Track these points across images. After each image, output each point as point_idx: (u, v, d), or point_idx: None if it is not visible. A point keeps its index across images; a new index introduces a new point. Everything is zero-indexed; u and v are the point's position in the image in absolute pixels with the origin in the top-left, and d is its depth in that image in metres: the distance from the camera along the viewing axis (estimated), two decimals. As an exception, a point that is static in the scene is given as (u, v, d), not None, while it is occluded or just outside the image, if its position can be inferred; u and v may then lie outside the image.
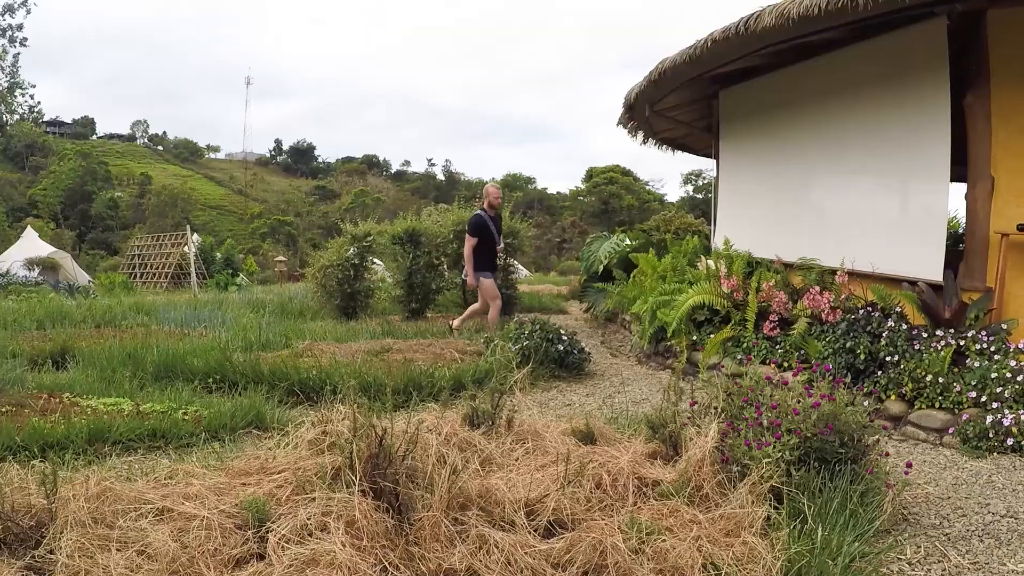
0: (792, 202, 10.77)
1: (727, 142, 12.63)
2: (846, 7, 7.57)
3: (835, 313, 8.00)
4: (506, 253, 14.36)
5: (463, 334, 11.14)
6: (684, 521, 3.94)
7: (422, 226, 14.04)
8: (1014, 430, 5.89)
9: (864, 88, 9.32)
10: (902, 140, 8.74)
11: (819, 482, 4.31)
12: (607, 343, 11.71)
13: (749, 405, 4.75)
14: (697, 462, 4.42)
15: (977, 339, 6.98)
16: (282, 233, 75.22)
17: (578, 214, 63.12)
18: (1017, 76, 8.05)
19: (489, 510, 3.85)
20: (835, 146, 9.95)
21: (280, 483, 4.16)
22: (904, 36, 8.51)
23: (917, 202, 8.68)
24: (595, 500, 4.20)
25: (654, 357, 10.07)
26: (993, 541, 4.32)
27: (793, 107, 10.75)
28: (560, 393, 8.20)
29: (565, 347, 9.06)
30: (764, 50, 9.48)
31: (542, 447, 5.01)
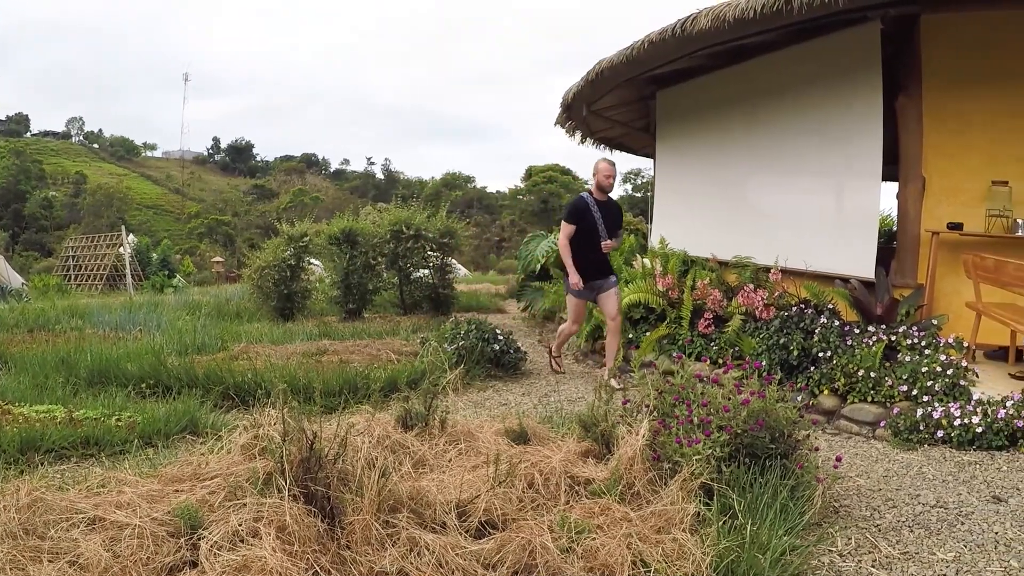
0: (727, 201, 10.84)
1: (664, 142, 12.69)
2: (781, 11, 7.64)
3: (769, 310, 8.06)
4: (613, 241, 13.93)
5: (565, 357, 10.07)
6: (615, 519, 3.91)
7: (359, 226, 13.86)
8: (944, 422, 5.97)
9: (799, 90, 9.42)
10: (836, 141, 8.84)
11: (750, 477, 4.29)
12: (544, 342, 11.61)
13: (680, 403, 4.73)
14: (628, 460, 4.40)
15: (908, 334, 7.08)
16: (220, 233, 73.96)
17: (517, 213, 62.99)
18: (949, 79, 8.22)
19: (421, 512, 3.81)
20: (770, 146, 10.03)
21: (213, 489, 4.06)
22: (838, 39, 8.61)
23: (850, 201, 8.77)
24: (527, 500, 4.16)
25: (591, 355, 10.05)
26: (923, 531, 4.35)
27: (729, 108, 10.82)
28: (496, 393, 8.14)
29: (501, 347, 9.00)
30: (701, 52, 9.52)
31: (475, 448, 4.96)
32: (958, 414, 5.96)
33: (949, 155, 8.31)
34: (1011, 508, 4.69)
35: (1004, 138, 8.15)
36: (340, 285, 13.49)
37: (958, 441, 5.87)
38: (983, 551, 4.08)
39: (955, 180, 8.32)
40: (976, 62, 8.15)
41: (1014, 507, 4.70)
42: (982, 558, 4.00)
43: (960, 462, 5.58)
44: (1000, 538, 4.24)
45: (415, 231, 13.36)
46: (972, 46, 8.17)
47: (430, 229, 13.60)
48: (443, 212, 14.34)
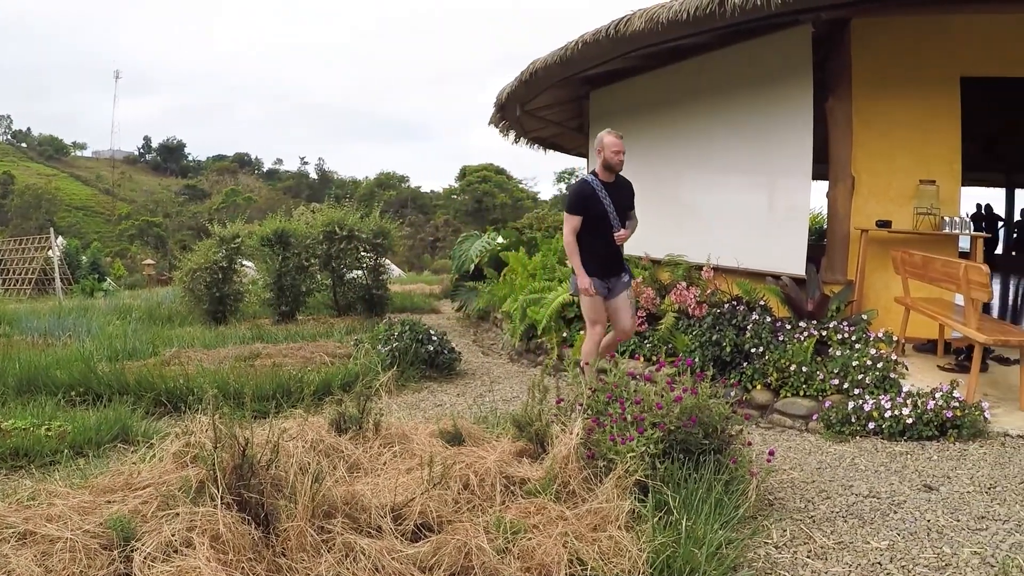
0: (661, 200, 10.87)
1: (597, 142, 12.70)
2: (714, 13, 7.69)
3: (701, 308, 8.08)
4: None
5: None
6: (551, 518, 3.87)
7: (291, 227, 13.61)
8: (874, 414, 6.03)
9: (731, 91, 9.48)
10: (768, 141, 8.91)
11: (684, 473, 4.28)
12: (479, 342, 11.57)
13: (614, 401, 4.71)
14: (563, 459, 4.35)
15: (839, 329, 7.17)
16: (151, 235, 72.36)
17: (451, 213, 62.72)
18: (878, 82, 8.38)
19: (355, 516, 3.75)
20: (703, 146, 10.09)
21: (146, 499, 3.93)
22: (771, 42, 8.70)
23: (781, 200, 8.85)
24: (463, 501, 4.11)
25: (526, 355, 9.99)
26: (857, 521, 4.36)
27: (663, 108, 10.87)
28: (431, 394, 8.03)
29: (435, 347, 8.90)
30: (635, 52, 9.54)
31: (410, 450, 4.87)
32: (888, 406, 6.02)
33: (878, 155, 8.48)
34: (942, 496, 4.73)
35: (931, 138, 8.34)
36: (273, 287, 13.23)
37: (889, 432, 5.93)
38: (916, 539, 4.11)
39: (884, 179, 8.47)
40: (904, 65, 8.35)
41: (945, 495, 4.75)
42: (915, 545, 4.03)
43: (892, 452, 5.63)
44: (932, 525, 4.28)
45: (348, 232, 13.17)
46: (900, 50, 8.37)
47: (363, 230, 13.40)
48: (376, 212, 14.16)
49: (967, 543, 4.04)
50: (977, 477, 5.06)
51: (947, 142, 8.35)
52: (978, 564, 3.80)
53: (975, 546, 4.00)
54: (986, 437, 5.87)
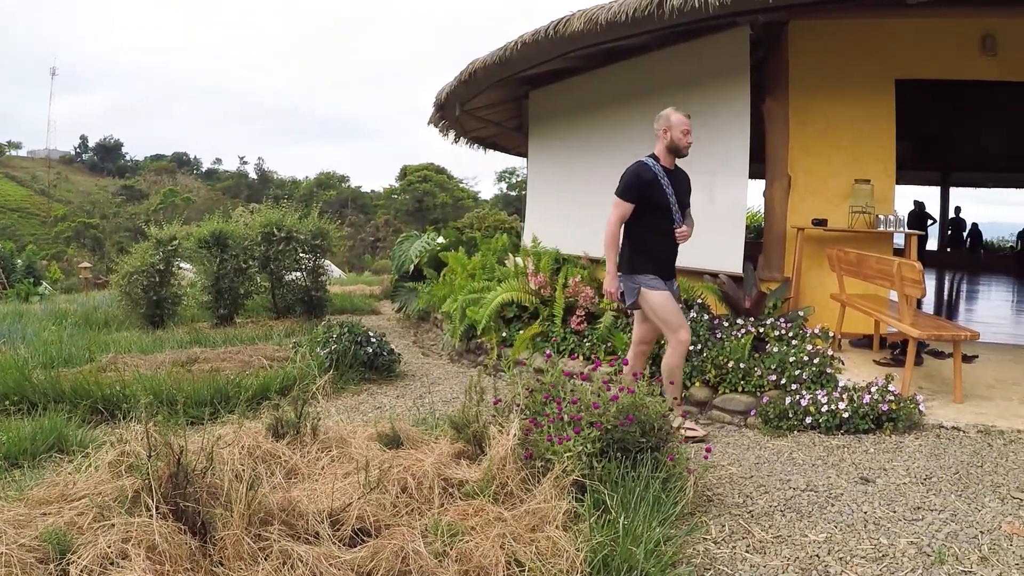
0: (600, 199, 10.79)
1: (537, 141, 12.70)
2: (652, 15, 7.72)
3: (640, 306, 8.06)
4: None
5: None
6: (489, 520, 3.82)
7: (229, 228, 13.32)
8: (811, 409, 6.06)
9: (670, 91, 9.49)
10: (705, 141, 8.91)
11: (622, 472, 4.24)
12: (419, 342, 11.46)
13: (551, 401, 4.66)
14: (501, 460, 4.30)
15: (776, 326, 7.21)
16: (88, 237, 70.55)
17: (392, 212, 62.18)
18: (815, 83, 8.52)
19: (293, 523, 3.68)
20: (641, 146, 10.03)
21: (81, 510, 3.78)
22: (709, 43, 8.77)
23: (718, 199, 8.88)
24: (401, 505, 4.04)
25: (466, 355, 9.91)
26: (795, 515, 4.36)
27: (602, 108, 10.88)
28: (371, 396, 7.91)
29: (375, 349, 8.77)
30: (574, 53, 9.54)
31: (348, 454, 4.78)
32: (825, 401, 6.06)
33: (814, 154, 8.59)
34: (879, 488, 4.75)
35: (866, 138, 8.48)
36: (211, 290, 12.95)
37: (826, 426, 5.96)
38: (853, 530, 4.12)
39: (820, 178, 8.59)
40: (840, 67, 8.49)
41: (881, 487, 4.77)
42: (852, 537, 4.03)
43: (829, 446, 5.65)
44: (869, 517, 4.29)
45: (287, 233, 12.95)
46: (837, 52, 8.51)
47: (302, 231, 13.19)
48: (315, 213, 13.95)
49: (904, 533, 4.06)
50: (913, 469, 5.09)
51: (882, 142, 8.50)
52: (915, 554, 3.82)
53: (911, 536, 4.02)
54: (921, 429, 5.93)
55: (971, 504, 4.48)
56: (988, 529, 4.12)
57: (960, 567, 3.69)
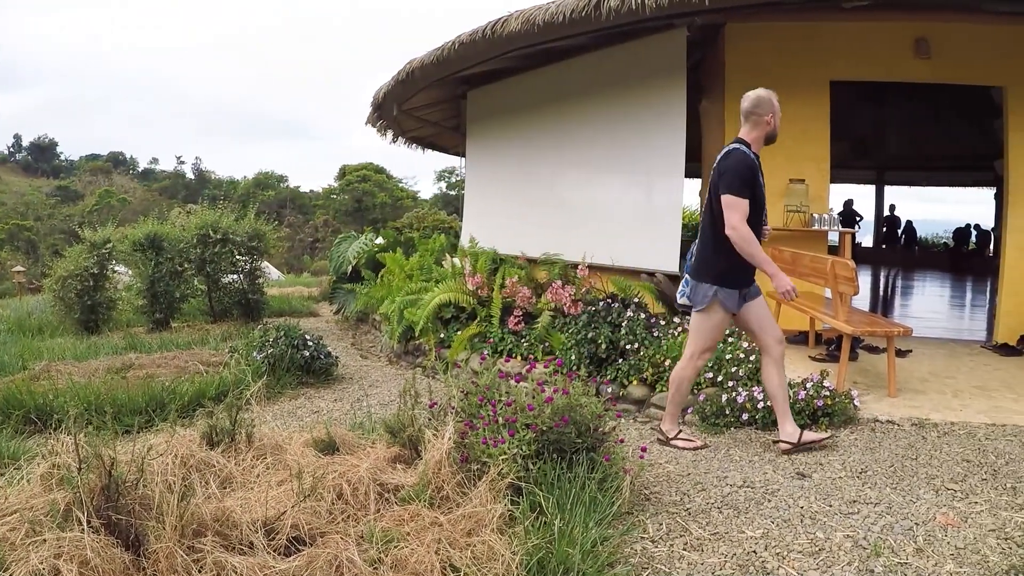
0: (538, 200, 10.85)
1: (474, 141, 12.64)
2: (589, 16, 7.72)
3: (577, 306, 8.04)
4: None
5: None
6: (425, 525, 3.79)
7: (164, 230, 13.03)
8: (748, 405, 6.06)
9: (608, 91, 9.53)
10: (643, 141, 8.97)
11: (557, 473, 4.20)
12: (357, 344, 11.33)
13: (486, 403, 4.60)
14: (436, 464, 4.25)
15: (712, 324, 7.17)
16: (21, 239, 68.41)
17: (331, 213, 61.24)
18: (751, 84, 8.34)
19: (227, 533, 3.60)
20: (579, 146, 10.10)
21: (13, 525, 3.65)
22: (646, 44, 8.80)
23: (656, 198, 8.91)
24: (337, 512, 3.98)
25: (404, 357, 9.81)
26: (732, 511, 4.33)
27: (540, 108, 10.86)
28: (308, 400, 7.78)
29: (311, 352, 8.64)
30: (512, 53, 9.51)
31: (283, 461, 4.71)
32: (761, 397, 6.06)
33: None
34: (815, 483, 4.74)
35: (801, 139, 8.56)
36: (146, 294, 12.66)
37: (763, 422, 5.97)
38: (790, 526, 4.10)
39: None
40: (776, 68, 8.56)
41: (817, 481, 4.76)
42: (789, 532, 4.01)
43: (765, 442, 5.64)
44: (805, 512, 4.28)
45: (223, 235, 12.71)
46: (773, 54, 8.61)
47: (238, 232, 12.95)
48: (251, 214, 13.73)
49: (840, 527, 4.05)
50: (848, 463, 5.10)
51: (817, 142, 8.61)
52: (851, 547, 3.81)
53: (847, 530, 4.02)
54: (857, 423, 5.96)
55: (906, 496, 4.50)
56: (923, 521, 4.14)
57: (896, 559, 3.68)
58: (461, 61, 10.01)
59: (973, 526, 4.09)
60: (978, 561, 3.69)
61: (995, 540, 3.91)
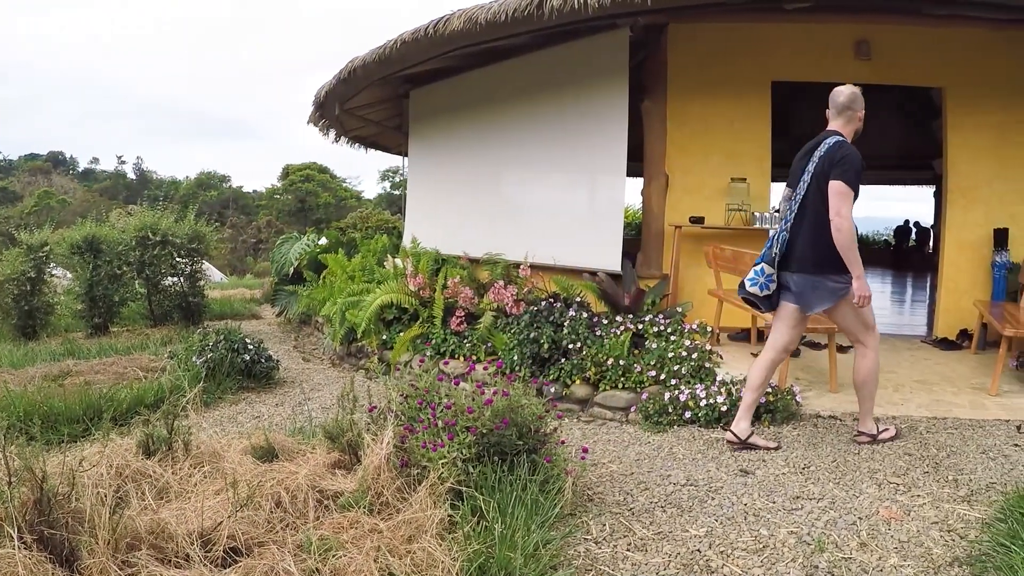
0: (480, 199, 10.79)
1: (417, 141, 12.55)
2: (532, 16, 7.68)
3: (519, 305, 7.98)
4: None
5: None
6: (364, 532, 3.70)
7: (103, 233, 12.68)
8: (690, 403, 6.05)
9: (550, 91, 9.49)
10: (585, 140, 8.96)
11: (498, 476, 4.13)
12: (300, 347, 11.15)
13: (425, 406, 4.50)
14: (375, 469, 4.15)
15: (655, 322, 7.21)
16: (-43, 243, 66.75)
17: (274, 213, 60.22)
18: (692, 84, 8.69)
19: (162, 546, 3.50)
20: (521, 145, 10.05)
21: None
22: (589, 44, 8.78)
23: (598, 198, 8.90)
24: (276, 520, 3.86)
25: (347, 359, 9.67)
26: (675, 510, 4.29)
27: (483, 107, 10.79)
28: (249, 405, 7.60)
29: (252, 356, 8.44)
30: (454, 52, 9.42)
31: (221, 469, 4.55)
32: (704, 395, 6.06)
33: (691, 154, 8.74)
34: (758, 480, 4.73)
35: (743, 138, 8.68)
36: (85, 298, 12.31)
37: (705, 420, 5.96)
38: (734, 523, 4.07)
39: (697, 177, 8.73)
40: (719, 69, 8.68)
41: (761, 478, 4.75)
42: (733, 530, 3.98)
43: (708, 440, 5.62)
44: (749, 509, 4.26)
45: (162, 236, 12.40)
46: (715, 54, 8.69)
47: (177, 234, 12.64)
48: (191, 215, 13.44)
49: (783, 524, 4.04)
50: (791, 459, 5.10)
51: (758, 141, 8.71)
52: (795, 543, 3.79)
53: (791, 526, 4.00)
54: (799, 419, 5.99)
55: (849, 491, 4.50)
56: (866, 515, 4.15)
57: (840, 554, 3.67)
58: (403, 60, 9.90)
59: (916, 519, 4.10)
60: (921, 554, 3.69)
61: (938, 532, 3.93)
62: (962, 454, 5.17)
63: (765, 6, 7.89)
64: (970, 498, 4.40)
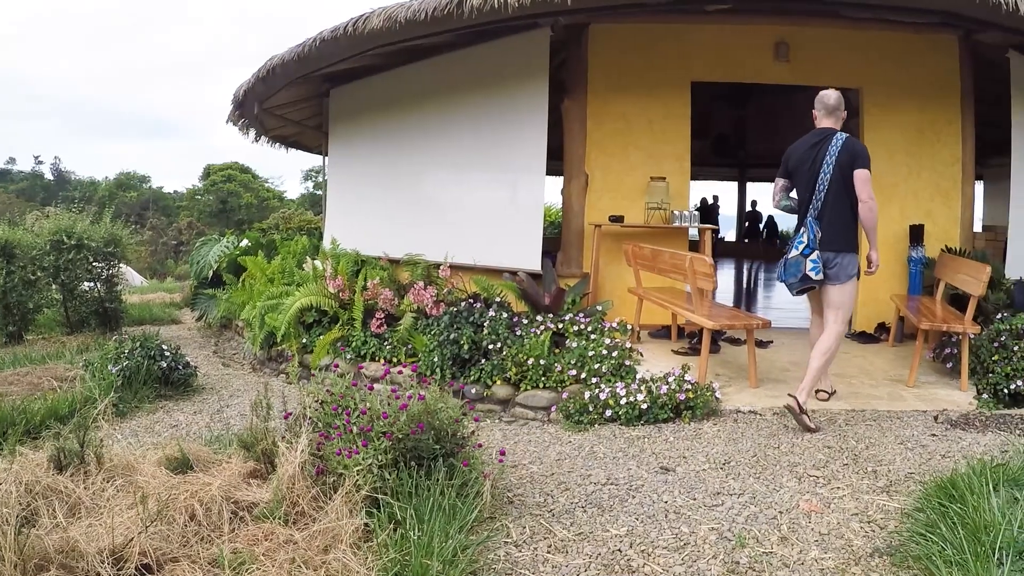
0: (400, 199, 10.65)
1: (337, 140, 12.35)
2: (452, 14, 7.60)
3: (439, 307, 7.89)
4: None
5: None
6: (279, 544, 3.57)
7: (15, 237, 12.20)
8: (611, 402, 6.02)
9: (471, 90, 9.42)
10: (505, 139, 8.91)
11: (415, 482, 4.02)
12: (220, 352, 10.88)
13: (340, 412, 4.38)
14: (290, 478, 4.01)
15: (575, 321, 7.20)
16: None
17: (196, 214, 58.75)
18: (613, 84, 8.72)
19: (72, 565, 3.33)
20: (442, 145, 9.96)
21: None
22: (510, 43, 8.73)
23: (517, 197, 8.85)
24: (191, 534, 3.70)
25: (268, 363, 9.46)
26: (596, 510, 4.23)
27: (403, 106, 10.66)
28: (167, 414, 7.35)
29: (169, 363, 8.18)
30: (374, 51, 9.27)
31: (135, 483, 4.34)
32: (624, 393, 6.04)
33: (611, 153, 8.75)
34: (678, 477, 4.71)
35: (662, 137, 8.73)
36: (-2, 305, 11.90)
37: (626, 418, 5.93)
38: (655, 521, 4.03)
39: (617, 176, 8.75)
40: (639, 69, 8.71)
41: (681, 475, 4.73)
42: (654, 528, 3.94)
43: (629, 438, 5.59)
44: (670, 507, 4.22)
45: (77, 240, 11.99)
46: (636, 55, 8.71)
47: (93, 237, 12.21)
48: (107, 218, 13.01)
49: (704, 520, 4.01)
50: (712, 455, 5.10)
51: (678, 141, 8.77)
52: (716, 540, 3.76)
53: (712, 522, 3.98)
54: (719, 415, 6.01)
55: (769, 485, 4.51)
56: (787, 509, 4.15)
57: (761, 549, 3.66)
58: (323, 58, 9.73)
59: (836, 511, 4.12)
60: (842, 546, 3.70)
61: (858, 524, 3.95)
62: (881, 445, 5.24)
63: (686, 7, 7.98)
64: (889, 489, 4.44)
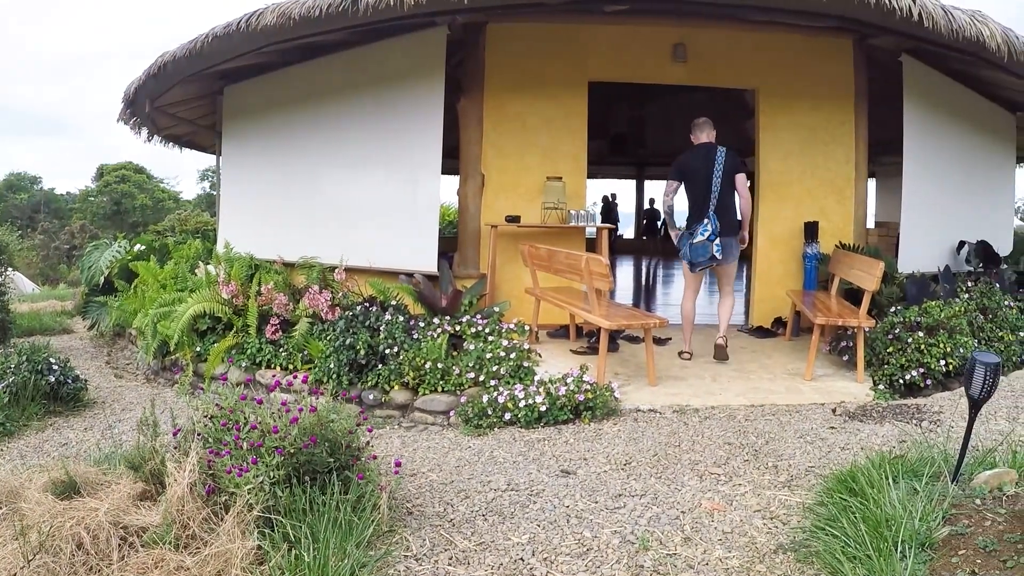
0: (295, 201, 10.40)
1: (231, 140, 11.99)
2: (347, 11, 7.44)
3: (335, 311, 7.73)
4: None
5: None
6: (170, 570, 3.38)
7: None
8: (509, 404, 5.95)
9: (366, 88, 9.27)
10: (400, 139, 8.79)
11: (309, 498, 3.85)
12: (113, 363, 10.44)
13: (230, 427, 4.18)
14: (179, 499, 3.75)
15: (472, 323, 7.14)
16: None
17: (89, 217, 56.59)
18: (510, 83, 8.72)
19: None
20: (337, 144, 9.77)
21: None
22: (407, 42, 8.62)
23: (413, 198, 8.72)
24: (79, 564, 3.47)
25: (162, 373, 9.11)
26: (497, 518, 4.13)
27: (299, 105, 10.41)
28: (57, 432, 6.96)
29: (57, 377, 7.79)
30: (269, 48, 9.03)
31: (19, 510, 4.06)
32: (522, 395, 5.99)
33: (508, 153, 8.75)
34: (580, 479, 4.65)
35: (559, 137, 8.77)
36: None
37: (526, 421, 5.86)
38: (556, 527, 3.96)
39: (514, 176, 8.75)
40: (536, 68, 8.73)
41: (583, 478, 4.68)
42: (556, 534, 3.87)
43: (529, 440, 5.53)
44: (571, 511, 4.16)
45: (-41, 248, 11.44)
46: (533, 54, 8.73)
47: (-23, 243, 11.69)
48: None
49: (607, 523, 3.96)
50: (612, 455, 5.07)
51: (574, 141, 8.83)
52: (619, 544, 3.72)
53: (615, 525, 3.93)
54: (619, 415, 6.00)
55: (671, 485, 4.50)
56: (689, 508, 4.14)
57: (665, 551, 3.63)
58: (215, 55, 9.41)
59: (739, 508, 4.13)
60: (746, 544, 3.70)
61: (761, 520, 3.96)
62: (781, 440, 5.30)
63: (584, 8, 8.05)
64: (790, 483, 4.48)
